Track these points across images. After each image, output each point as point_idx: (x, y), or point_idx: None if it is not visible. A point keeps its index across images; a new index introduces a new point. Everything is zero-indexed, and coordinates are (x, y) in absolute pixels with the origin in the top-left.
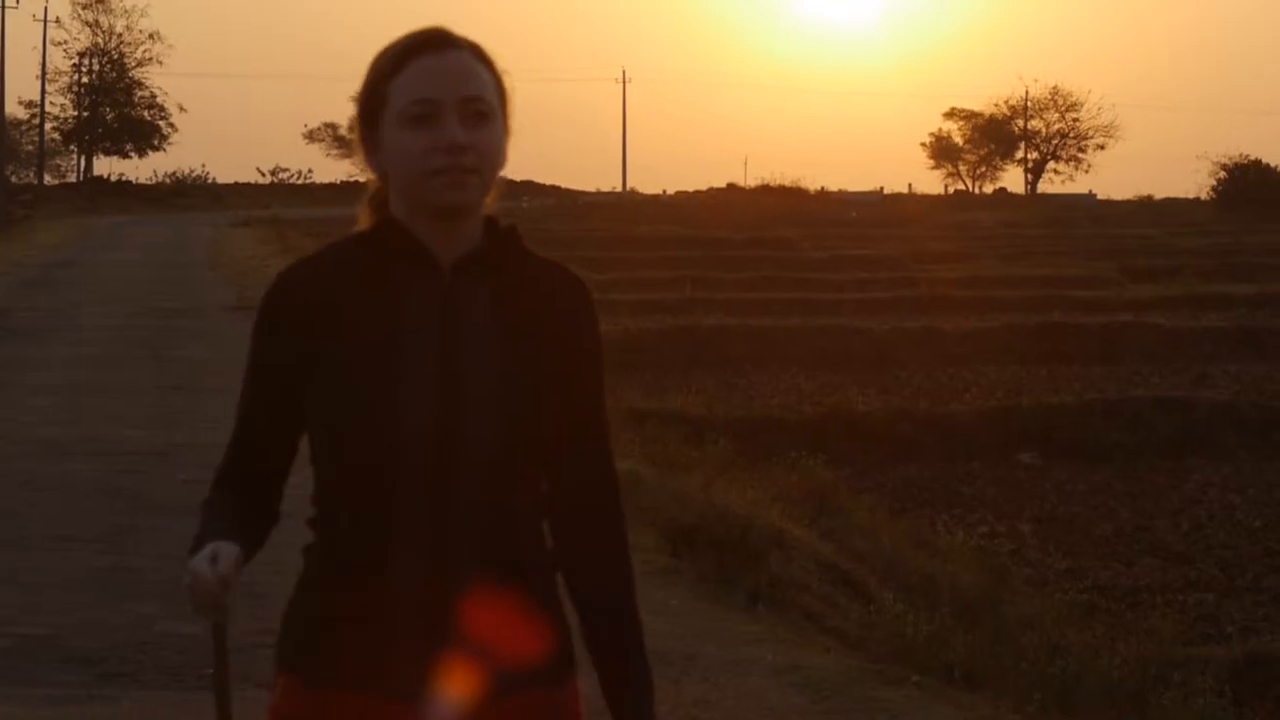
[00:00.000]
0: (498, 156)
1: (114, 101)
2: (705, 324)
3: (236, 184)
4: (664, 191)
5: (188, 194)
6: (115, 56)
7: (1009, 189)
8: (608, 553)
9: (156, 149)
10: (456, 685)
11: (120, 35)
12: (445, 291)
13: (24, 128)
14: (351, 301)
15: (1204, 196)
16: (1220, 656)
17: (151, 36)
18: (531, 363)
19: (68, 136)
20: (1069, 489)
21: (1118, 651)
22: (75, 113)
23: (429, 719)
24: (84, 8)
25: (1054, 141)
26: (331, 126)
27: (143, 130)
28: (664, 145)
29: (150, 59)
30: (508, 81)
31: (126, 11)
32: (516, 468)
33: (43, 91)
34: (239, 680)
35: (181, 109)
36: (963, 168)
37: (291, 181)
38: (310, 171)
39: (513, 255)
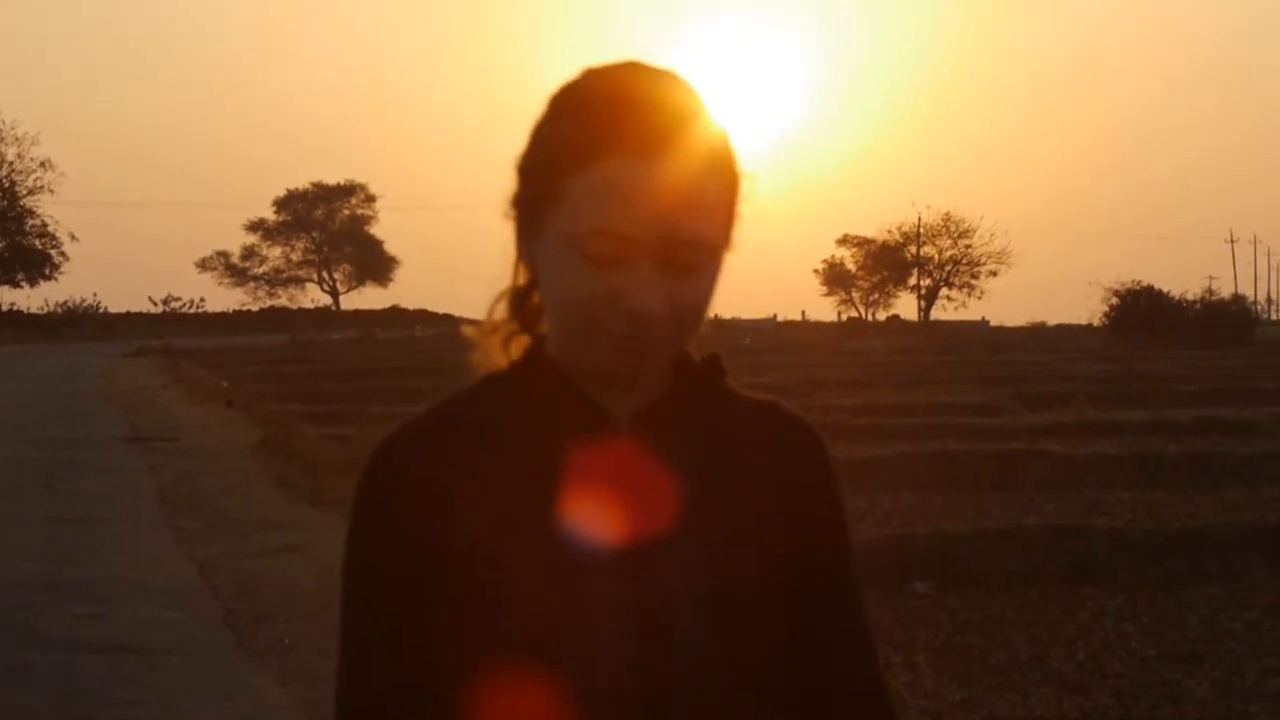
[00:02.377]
0: (703, 314)
1: (5, 230)
2: None
3: (128, 313)
4: None
5: (79, 323)
6: (6, 185)
7: (902, 316)
8: None
9: (48, 278)
10: None
11: (11, 163)
12: (622, 457)
13: None
14: (494, 483)
15: (1096, 322)
16: None
17: (43, 165)
18: (754, 554)
19: None
20: (963, 618)
21: None
22: None
23: None
24: None
25: (947, 268)
26: (223, 255)
27: (34, 259)
28: None
29: (41, 187)
30: (747, 184)
31: (18, 140)
32: (744, 708)
33: None
34: None
35: (73, 237)
36: (856, 294)
37: (183, 310)
38: (202, 300)
39: (715, 397)
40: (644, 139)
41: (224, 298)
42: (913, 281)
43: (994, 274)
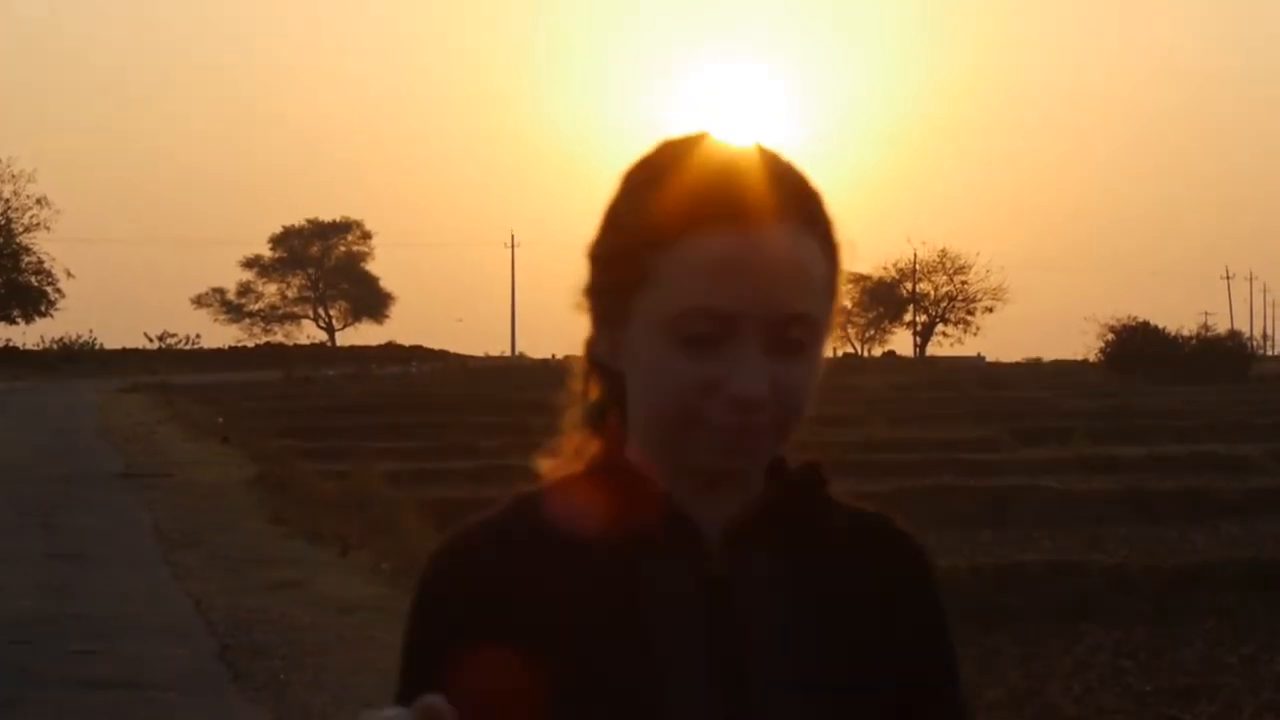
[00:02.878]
0: (809, 401)
1: (1, 267)
2: None
3: (124, 349)
4: (553, 356)
5: (75, 359)
6: (2, 222)
7: (898, 352)
8: None
9: (44, 314)
10: None
11: (7, 200)
12: (713, 578)
13: None
14: (567, 595)
15: (1092, 358)
16: None
17: (39, 202)
18: (856, 689)
19: None
20: (960, 653)
21: None
22: None
23: None
24: None
25: (943, 304)
26: (219, 291)
27: (30, 296)
28: (553, 309)
29: (38, 224)
30: (845, 254)
31: (14, 177)
32: None
33: None
34: None
35: (69, 274)
36: (851, 331)
37: (179, 347)
38: (198, 336)
39: (815, 509)
40: (741, 207)
41: (220, 334)
42: (909, 318)
43: (990, 310)
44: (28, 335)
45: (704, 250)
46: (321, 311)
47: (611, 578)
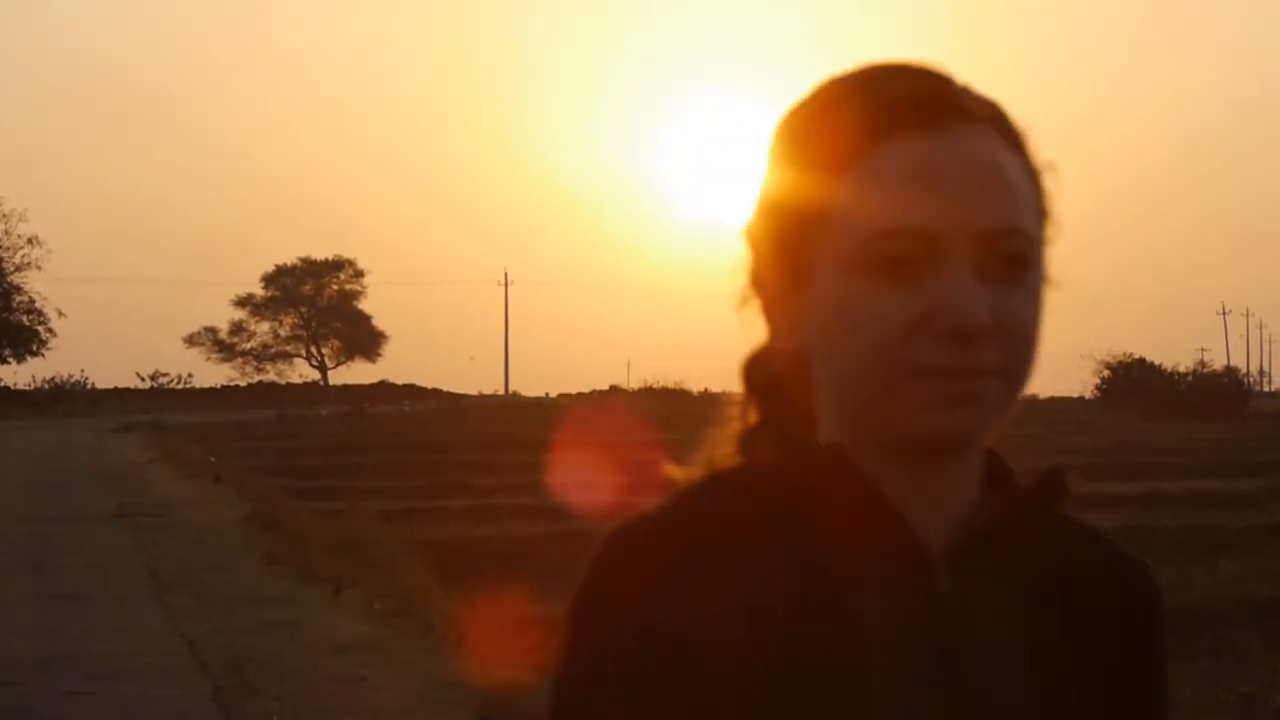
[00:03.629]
0: (1034, 342)
1: None
2: (590, 528)
3: (116, 389)
4: (547, 394)
5: (67, 399)
6: None
7: None
8: None
9: (36, 354)
10: None
11: None
12: (939, 603)
13: None
14: (753, 609)
15: (1088, 395)
16: None
17: (30, 241)
18: None
19: None
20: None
21: None
22: None
23: None
24: None
25: None
26: (212, 330)
27: (22, 336)
28: (546, 348)
29: (29, 264)
30: (1049, 180)
31: (4, 216)
32: None
33: None
34: None
35: (61, 313)
36: None
37: (172, 386)
38: (190, 376)
39: (1051, 525)
40: (931, 107)
41: (212, 373)
42: None
43: None
44: (19, 375)
45: (892, 161)
46: (314, 350)
47: (809, 597)
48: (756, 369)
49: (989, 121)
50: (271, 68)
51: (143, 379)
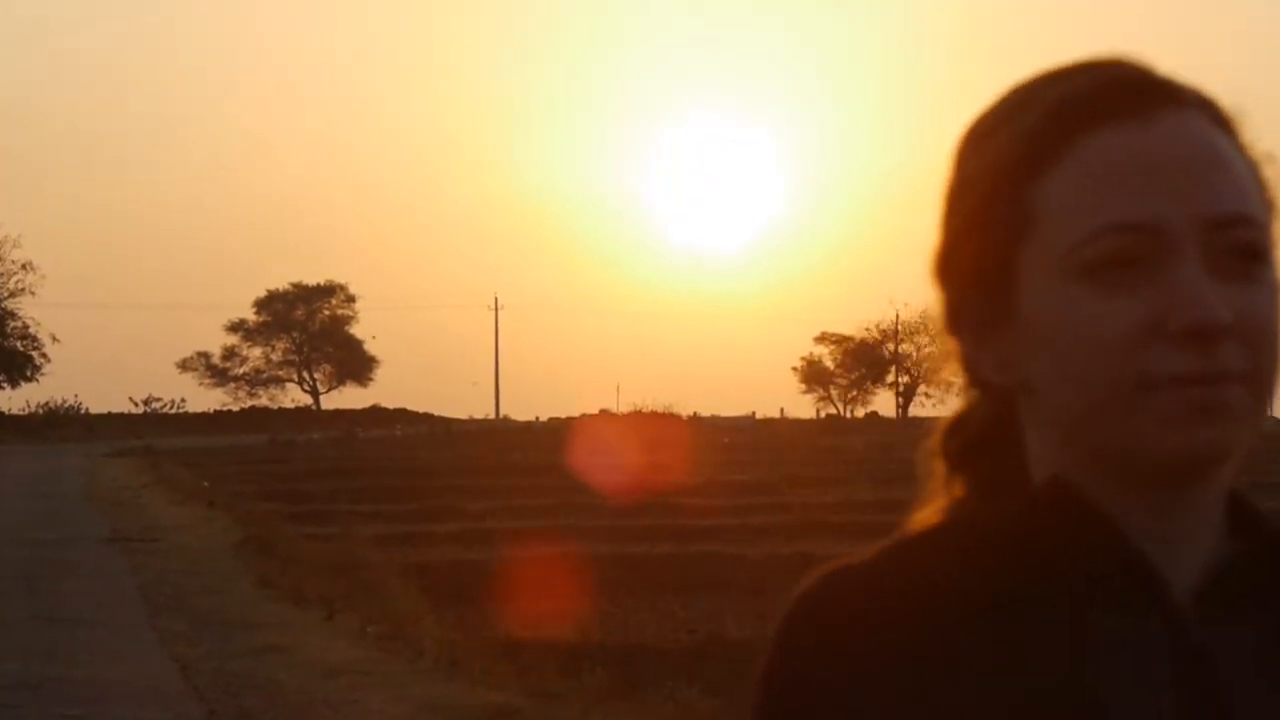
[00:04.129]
0: (1277, 343)
1: None
2: (579, 551)
3: (109, 414)
4: (537, 418)
5: (61, 424)
6: None
7: (880, 413)
8: None
9: (30, 379)
10: None
11: None
12: (1188, 659)
13: None
14: (980, 680)
15: None
16: None
17: (24, 267)
18: None
19: None
20: None
21: None
22: None
23: None
24: None
25: (925, 365)
26: (204, 355)
27: (16, 361)
28: (536, 372)
29: (23, 289)
30: (1272, 171)
31: None
32: None
33: None
34: None
35: (54, 339)
36: (834, 392)
37: (165, 411)
38: (183, 401)
39: None
40: (1138, 92)
41: (205, 398)
42: (891, 379)
43: None
44: (13, 400)
45: (1101, 152)
46: (306, 375)
47: (1041, 660)
48: (954, 438)
49: (1199, 106)
50: (264, 94)
51: (136, 404)
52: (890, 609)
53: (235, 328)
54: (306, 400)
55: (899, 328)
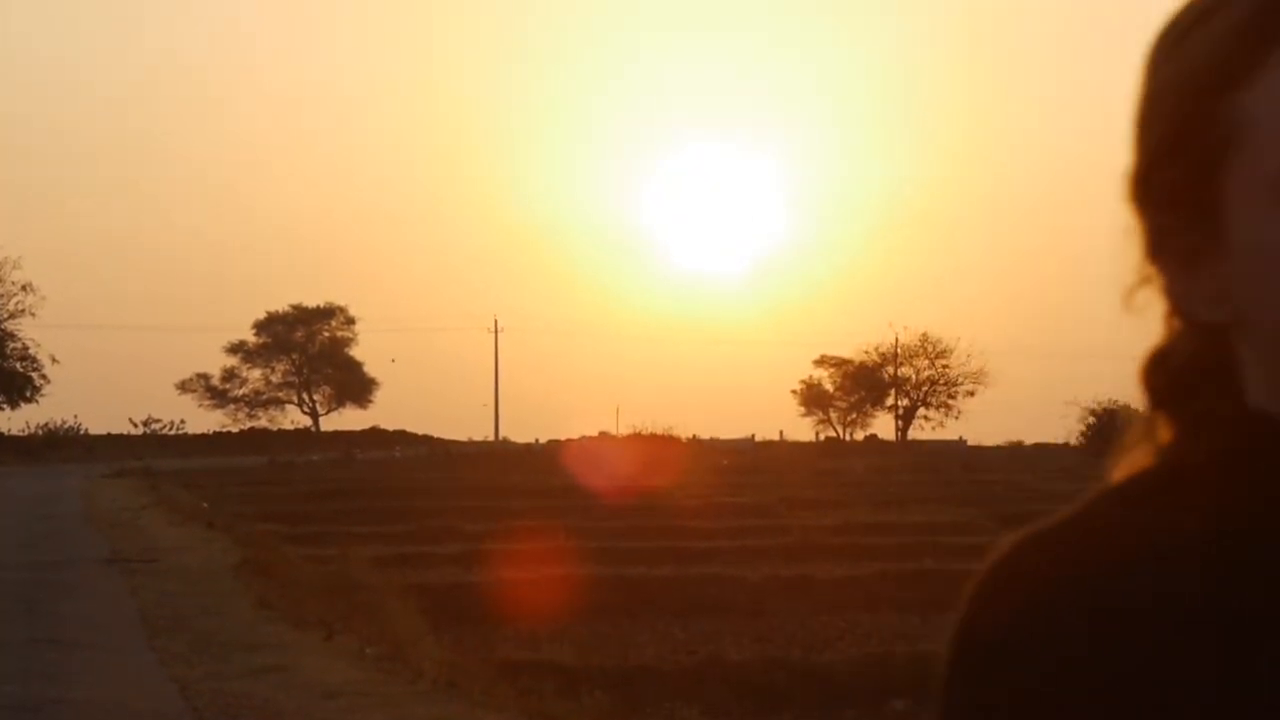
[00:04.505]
0: None
1: None
2: (578, 573)
3: (109, 435)
4: (536, 440)
5: (61, 445)
6: None
7: (880, 435)
8: None
9: (29, 401)
10: None
11: None
12: None
13: None
14: (1223, 632)
15: (1073, 442)
16: None
17: (24, 288)
18: None
19: None
20: None
21: None
22: None
23: None
24: None
25: (924, 388)
26: (204, 377)
27: (15, 382)
28: (536, 394)
29: (23, 311)
30: None
31: None
32: None
33: None
34: None
35: (54, 360)
36: (833, 414)
37: (164, 432)
38: (183, 422)
39: None
40: None
41: (204, 419)
42: (890, 402)
43: (971, 394)
44: (13, 421)
45: None
46: (305, 397)
47: (1266, 637)
48: (1158, 372)
49: None
50: (264, 116)
51: (136, 425)
52: (1109, 564)
53: (235, 349)
54: (306, 422)
55: (898, 351)
